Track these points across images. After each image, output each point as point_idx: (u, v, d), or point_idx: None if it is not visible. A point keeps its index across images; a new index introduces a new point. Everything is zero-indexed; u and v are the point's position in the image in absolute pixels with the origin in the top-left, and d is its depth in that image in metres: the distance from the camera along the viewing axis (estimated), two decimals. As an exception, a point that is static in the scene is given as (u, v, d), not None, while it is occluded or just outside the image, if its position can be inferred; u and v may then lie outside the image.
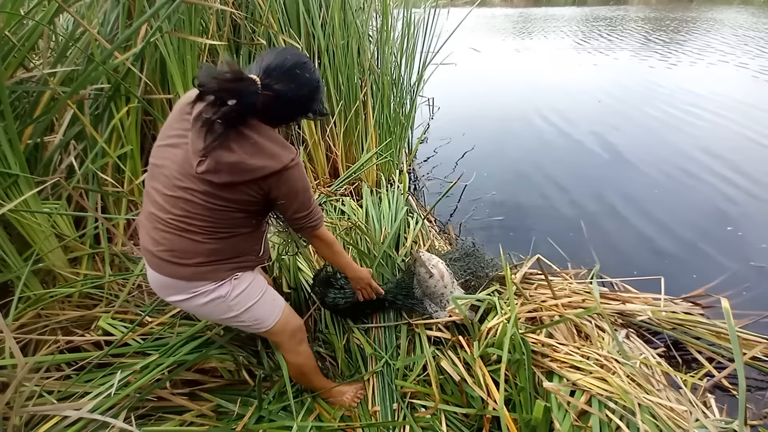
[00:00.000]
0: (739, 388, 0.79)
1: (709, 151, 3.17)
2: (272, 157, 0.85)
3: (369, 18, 2.35)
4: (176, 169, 0.87)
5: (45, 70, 1.41)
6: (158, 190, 0.90)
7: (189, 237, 0.89)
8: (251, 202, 0.90)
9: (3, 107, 1.23)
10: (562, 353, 1.09)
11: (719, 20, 8.84)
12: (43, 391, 1.14)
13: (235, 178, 0.84)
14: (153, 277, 0.96)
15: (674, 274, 1.84)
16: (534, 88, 5.19)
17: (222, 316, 1.01)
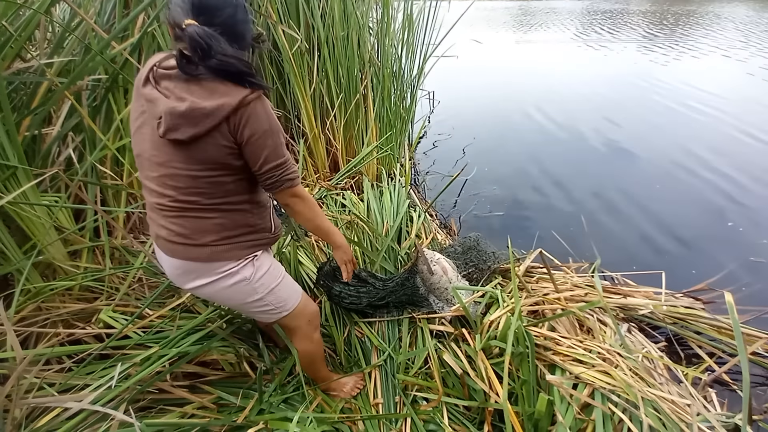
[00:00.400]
0: (743, 382, 0.79)
1: (710, 147, 3.16)
2: (226, 94, 0.78)
3: (369, 9, 2.32)
4: (150, 146, 0.84)
5: (42, 60, 1.39)
6: (148, 176, 0.88)
7: (191, 215, 0.88)
8: (228, 156, 0.83)
9: (0, 98, 1.21)
10: (564, 346, 1.09)
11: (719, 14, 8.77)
12: (43, 384, 1.13)
13: (196, 129, 0.78)
14: (171, 265, 0.95)
15: (674, 269, 1.84)
16: (534, 81, 5.15)
17: (246, 300, 0.99)
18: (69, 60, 1.50)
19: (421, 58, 2.55)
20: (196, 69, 0.78)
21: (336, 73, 2.23)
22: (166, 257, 0.94)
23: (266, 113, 0.83)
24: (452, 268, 1.43)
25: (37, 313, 1.36)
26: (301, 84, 2.13)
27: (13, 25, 1.37)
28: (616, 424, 0.92)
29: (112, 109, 1.60)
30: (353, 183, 2.24)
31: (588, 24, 8.80)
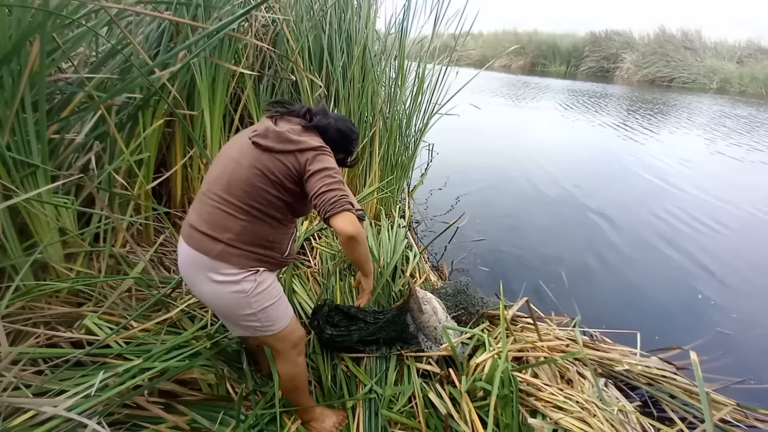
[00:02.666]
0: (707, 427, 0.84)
1: (690, 218, 3.42)
2: (314, 141, 1.03)
3: (386, 66, 2.59)
4: (235, 149, 1.04)
5: (84, 73, 1.51)
6: (215, 172, 1.04)
7: (226, 209, 0.98)
8: (287, 178, 1.00)
9: (39, 100, 1.30)
10: (546, 393, 1.13)
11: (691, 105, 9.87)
12: (20, 384, 1.09)
13: (277, 146, 0.99)
14: (184, 253, 1.02)
15: (647, 334, 1.92)
16: (523, 145, 5.57)
17: (238, 311, 1.04)
18: (107, 77, 1.63)
19: (426, 114, 2.80)
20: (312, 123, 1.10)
21: (349, 118, 2.42)
22: (183, 247, 1.03)
23: (330, 160, 1.04)
24: (442, 309, 1.49)
25: (22, 311, 1.34)
26: (314, 123, 2.30)
27: (63, 36, 1.51)
28: (593, 473, 0.94)
29: (137, 125, 1.70)
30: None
31: (576, 100, 9.73)
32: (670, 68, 16.05)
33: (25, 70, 1.23)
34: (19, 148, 1.31)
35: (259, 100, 2.20)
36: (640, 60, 16.81)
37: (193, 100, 1.92)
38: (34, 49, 1.21)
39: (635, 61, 16.96)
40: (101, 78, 1.58)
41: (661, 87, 14.93)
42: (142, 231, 1.88)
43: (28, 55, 1.23)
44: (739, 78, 14.56)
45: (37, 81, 1.28)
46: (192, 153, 1.99)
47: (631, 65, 17.05)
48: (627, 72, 17.12)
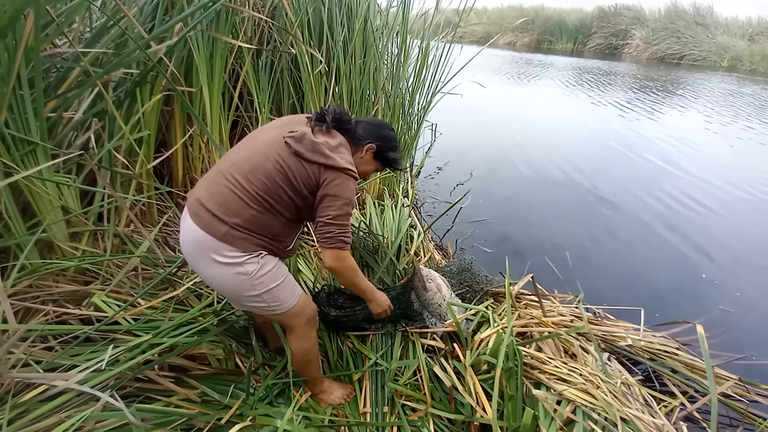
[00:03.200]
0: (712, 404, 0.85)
1: (692, 199, 3.39)
2: (344, 159, 1.04)
3: (388, 42, 2.51)
4: (265, 140, 1.04)
5: (80, 48, 1.47)
6: (240, 153, 1.04)
7: (240, 195, 0.98)
8: (305, 185, 1.02)
9: (35, 76, 1.27)
10: (550, 366, 1.15)
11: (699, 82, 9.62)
12: (30, 360, 1.11)
13: (307, 154, 1.00)
14: (188, 231, 1.01)
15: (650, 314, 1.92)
16: (528, 125, 5.48)
17: (243, 293, 1.04)
18: (102, 52, 1.58)
19: (429, 93, 2.73)
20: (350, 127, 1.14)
21: (350, 95, 2.37)
22: (188, 226, 1.01)
23: (352, 189, 1.06)
24: (446, 286, 1.49)
25: (29, 289, 1.35)
26: (316, 101, 2.25)
27: (56, 10, 1.45)
28: (596, 441, 0.96)
29: (135, 102, 1.66)
30: (356, 199, 2.32)
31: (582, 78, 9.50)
32: (681, 45, 15.55)
33: (20, 44, 1.19)
34: (18, 125, 1.29)
35: (258, 77, 2.15)
36: (650, 36, 16.27)
37: (191, 77, 1.87)
38: (29, 22, 1.17)
39: (645, 38, 16.42)
40: (97, 54, 1.53)
41: (671, 65, 14.53)
42: (145, 211, 1.88)
43: (23, 29, 1.19)
44: (749, 56, 14.12)
45: (32, 56, 1.25)
46: (192, 131, 1.96)
47: (641, 42, 16.52)
48: (636, 49, 16.61)
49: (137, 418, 0.99)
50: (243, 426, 1.11)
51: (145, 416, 1.06)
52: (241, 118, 2.29)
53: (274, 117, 2.32)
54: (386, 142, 1.18)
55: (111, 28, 1.53)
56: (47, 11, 1.36)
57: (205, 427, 1.11)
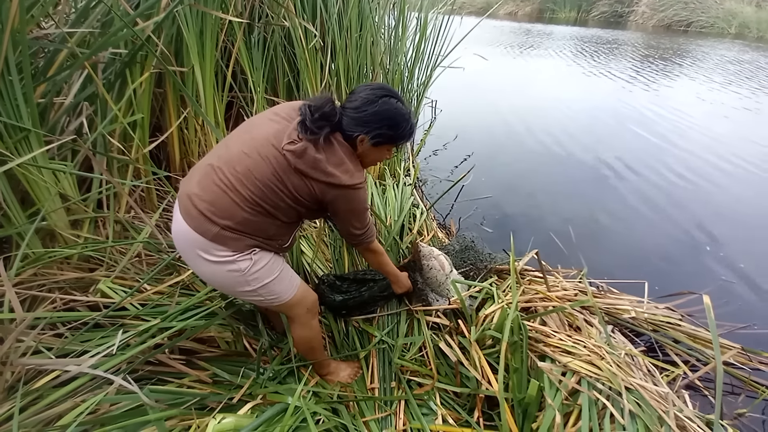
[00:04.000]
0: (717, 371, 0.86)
1: (694, 172, 3.35)
2: (346, 173, 0.98)
3: (384, 14, 2.41)
4: (264, 137, 0.96)
5: (65, 29, 1.41)
6: (238, 147, 0.96)
7: (232, 197, 0.93)
8: (305, 197, 0.98)
9: (23, 60, 1.22)
10: (554, 339, 1.16)
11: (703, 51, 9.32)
12: (40, 347, 1.13)
13: (308, 171, 0.94)
14: (179, 227, 0.98)
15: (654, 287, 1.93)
16: (530, 98, 5.36)
17: (238, 288, 1.03)
18: (89, 32, 1.52)
19: (429, 67, 2.65)
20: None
21: (347, 72, 2.29)
22: (179, 221, 0.97)
23: (363, 197, 1.04)
24: (449, 264, 1.49)
25: (34, 278, 1.35)
26: (312, 79, 2.19)
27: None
28: (600, 410, 0.98)
29: (126, 84, 1.61)
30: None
31: (582, 49, 9.20)
32: (688, 11, 14.93)
33: (6, 27, 1.14)
34: (9, 112, 1.25)
35: (251, 55, 2.07)
36: (657, 3, 15.61)
37: (182, 55, 1.81)
38: (14, 3, 1.11)
39: (651, 4, 15.76)
40: (84, 34, 1.47)
41: (678, 32, 14.02)
42: (144, 196, 1.86)
43: (9, 11, 1.13)
44: (757, 23, 13.57)
45: (19, 40, 1.19)
46: (186, 114, 1.91)
47: (647, 9, 15.87)
48: (642, 16, 15.98)
49: (151, 400, 1.01)
50: (255, 404, 1.14)
51: (158, 397, 1.08)
52: (236, 98, 2.22)
53: (270, 97, 2.25)
54: (378, 124, 1.00)
55: (96, 6, 1.46)
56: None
57: (217, 406, 1.14)
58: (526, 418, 1.06)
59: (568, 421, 1.00)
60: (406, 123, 1.04)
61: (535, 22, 15.53)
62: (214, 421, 1.00)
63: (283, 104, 1.06)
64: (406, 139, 1.08)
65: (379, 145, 1.04)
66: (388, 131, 1.02)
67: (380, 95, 1.00)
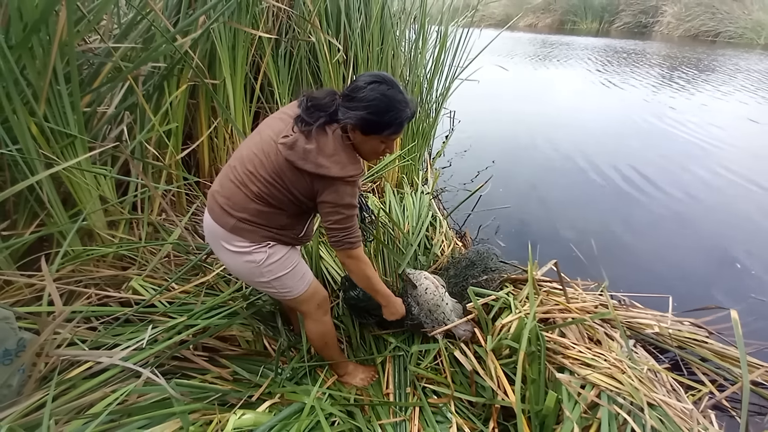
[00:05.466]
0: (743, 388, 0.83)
1: (725, 186, 3.23)
2: (337, 164, 0.96)
3: (406, 28, 2.48)
4: (269, 135, 1.01)
5: (110, 43, 1.52)
6: (249, 147, 1.03)
7: (244, 192, 1.01)
8: (302, 192, 1.01)
9: (71, 70, 1.33)
10: (573, 351, 1.14)
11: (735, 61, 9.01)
12: (75, 339, 1.20)
13: (299, 163, 0.95)
14: (206, 221, 1.09)
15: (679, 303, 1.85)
16: (550, 112, 5.31)
17: (254, 279, 1.10)
18: (132, 47, 1.64)
19: (448, 79, 2.69)
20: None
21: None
22: (207, 215, 1.08)
23: (351, 193, 1.00)
24: (442, 286, 1.46)
25: (72, 274, 1.44)
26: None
27: (85, 6, 1.51)
28: (620, 425, 0.96)
29: (163, 95, 1.72)
30: (375, 187, 2.33)
31: (603, 60, 9.08)
32: (716, 21, 14.52)
33: (54, 39, 1.25)
34: (56, 118, 1.36)
35: (278, 68, 2.17)
36: (683, 12, 15.25)
37: (215, 69, 1.92)
38: (62, 17, 1.22)
39: (677, 14, 15.41)
40: (126, 49, 1.59)
41: (705, 42, 13.64)
42: (175, 200, 1.96)
43: (56, 24, 1.24)
44: (787, 34, 13.05)
45: (67, 52, 1.30)
46: (216, 123, 2.01)
47: (672, 19, 15.52)
48: (667, 27, 15.64)
49: (176, 393, 1.06)
50: (273, 402, 1.17)
51: (183, 391, 1.13)
52: (262, 109, 2.32)
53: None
54: (363, 111, 0.94)
55: (139, 23, 1.58)
56: (78, 7, 1.41)
57: (237, 402, 1.18)
58: (543, 430, 1.04)
59: (586, 436, 0.98)
60: (394, 111, 0.96)
61: (556, 34, 15.45)
62: (235, 417, 1.03)
63: (293, 102, 1.09)
64: (393, 128, 0.99)
65: (367, 134, 0.98)
66: (372, 117, 0.95)
67: (370, 81, 0.95)
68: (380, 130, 0.98)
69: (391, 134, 1.00)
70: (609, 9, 17.74)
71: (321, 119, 0.96)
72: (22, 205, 1.41)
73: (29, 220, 1.44)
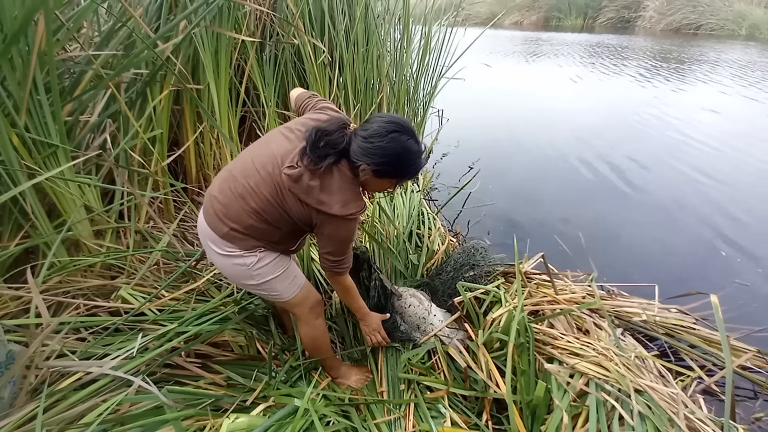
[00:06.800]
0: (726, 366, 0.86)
1: (711, 178, 3.29)
2: (339, 202, 0.98)
3: (390, 28, 2.49)
4: (274, 155, 1.01)
5: (91, 51, 1.51)
6: (253, 158, 1.03)
7: (242, 205, 1.02)
8: (300, 218, 1.03)
9: (51, 80, 1.32)
10: (562, 341, 1.16)
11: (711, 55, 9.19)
12: (64, 350, 1.18)
13: (301, 195, 0.98)
14: (200, 222, 1.10)
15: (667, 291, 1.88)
16: (537, 107, 5.37)
17: (244, 281, 1.11)
18: (113, 54, 1.62)
19: (434, 78, 2.71)
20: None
21: (354, 84, 2.37)
22: (201, 215, 1.09)
23: (351, 229, 1.04)
24: (427, 299, 1.49)
25: (60, 285, 1.43)
26: (321, 93, 2.27)
27: (64, 14, 1.50)
28: (609, 411, 0.98)
29: (146, 102, 1.71)
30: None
31: (591, 55, 9.20)
32: (697, 14, 14.81)
33: (33, 49, 1.23)
34: (38, 129, 1.34)
35: (263, 71, 2.17)
36: (664, 6, 15.54)
37: (198, 74, 1.91)
38: (40, 26, 1.21)
39: (659, 9, 15.69)
40: (107, 56, 1.58)
41: (687, 35, 13.89)
42: (163, 207, 1.94)
43: (35, 34, 1.23)
44: (767, 23, 13.36)
45: (46, 61, 1.29)
46: (202, 128, 2.00)
47: (654, 13, 15.79)
48: (650, 21, 15.91)
49: (168, 400, 1.05)
50: (267, 406, 1.17)
51: (175, 398, 1.12)
52: (249, 113, 2.32)
53: (281, 111, 2.34)
54: (383, 158, 0.97)
55: (119, 30, 1.57)
56: (57, 16, 1.40)
57: (231, 407, 1.17)
58: (535, 420, 1.06)
59: (576, 423, 1.00)
60: (412, 162, 1.01)
61: (542, 31, 15.62)
62: (228, 421, 1.03)
63: (302, 119, 1.10)
64: (409, 176, 1.05)
65: (381, 176, 1.01)
66: (391, 168, 0.99)
67: (390, 130, 0.97)
68: (396, 176, 1.04)
69: (406, 180, 1.09)
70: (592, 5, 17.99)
71: (329, 158, 0.97)
72: (6, 218, 1.39)
73: (14, 232, 1.42)
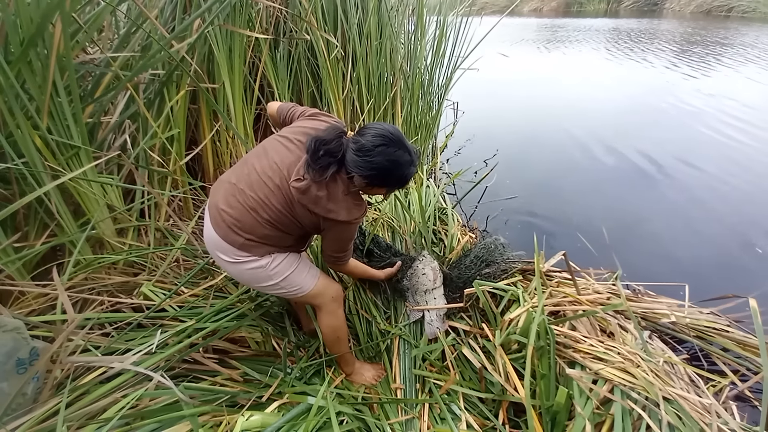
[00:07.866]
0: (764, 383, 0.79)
1: (746, 169, 3.09)
2: (344, 209, 1.05)
3: (404, 20, 2.44)
4: (278, 166, 1.04)
5: (109, 53, 1.54)
6: (256, 169, 1.05)
7: (255, 217, 1.04)
8: (310, 225, 1.09)
9: (70, 83, 1.35)
10: (585, 345, 1.11)
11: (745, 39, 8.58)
12: (88, 345, 1.22)
13: (310, 206, 1.03)
14: (209, 234, 1.10)
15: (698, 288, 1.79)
16: (557, 96, 5.18)
17: (263, 283, 1.12)
18: (130, 55, 1.65)
19: (449, 69, 2.64)
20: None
21: (368, 79, 2.34)
22: (209, 228, 1.09)
23: (353, 231, 1.12)
24: (439, 278, 1.48)
25: (85, 282, 1.48)
26: (334, 88, 2.25)
27: (81, 17, 1.52)
28: (635, 420, 0.93)
29: (164, 102, 1.74)
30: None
31: (614, 41, 8.79)
32: (729, -5, 13.94)
33: (51, 53, 1.26)
34: (60, 131, 1.38)
35: (277, 68, 2.17)
36: (695, -13, 14.69)
37: (213, 73, 1.92)
38: (57, 29, 1.24)
39: (689, -11, 14.85)
40: (125, 57, 1.60)
41: (718, 18, 13.08)
42: (182, 206, 1.98)
43: (53, 37, 1.26)
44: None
45: (65, 64, 1.32)
46: (218, 127, 2.02)
47: (684, -6, 14.97)
48: (679, 3, 15.08)
49: (186, 396, 1.07)
50: (282, 402, 1.18)
51: (193, 394, 1.14)
52: (264, 111, 2.33)
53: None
54: (371, 171, 1.00)
55: (136, 31, 1.59)
56: (74, 18, 1.43)
57: (247, 403, 1.19)
58: (555, 426, 1.02)
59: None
60: (400, 174, 1.04)
61: (563, 17, 15.04)
62: (243, 418, 1.04)
63: (299, 128, 1.11)
64: (399, 186, 1.10)
65: (372, 186, 1.06)
66: (379, 179, 1.03)
67: (377, 144, 1.00)
68: (386, 186, 1.08)
69: (397, 189, 1.13)
70: (617, -12, 17.17)
71: (331, 168, 1.01)
72: (32, 217, 1.44)
73: (40, 232, 1.47)
